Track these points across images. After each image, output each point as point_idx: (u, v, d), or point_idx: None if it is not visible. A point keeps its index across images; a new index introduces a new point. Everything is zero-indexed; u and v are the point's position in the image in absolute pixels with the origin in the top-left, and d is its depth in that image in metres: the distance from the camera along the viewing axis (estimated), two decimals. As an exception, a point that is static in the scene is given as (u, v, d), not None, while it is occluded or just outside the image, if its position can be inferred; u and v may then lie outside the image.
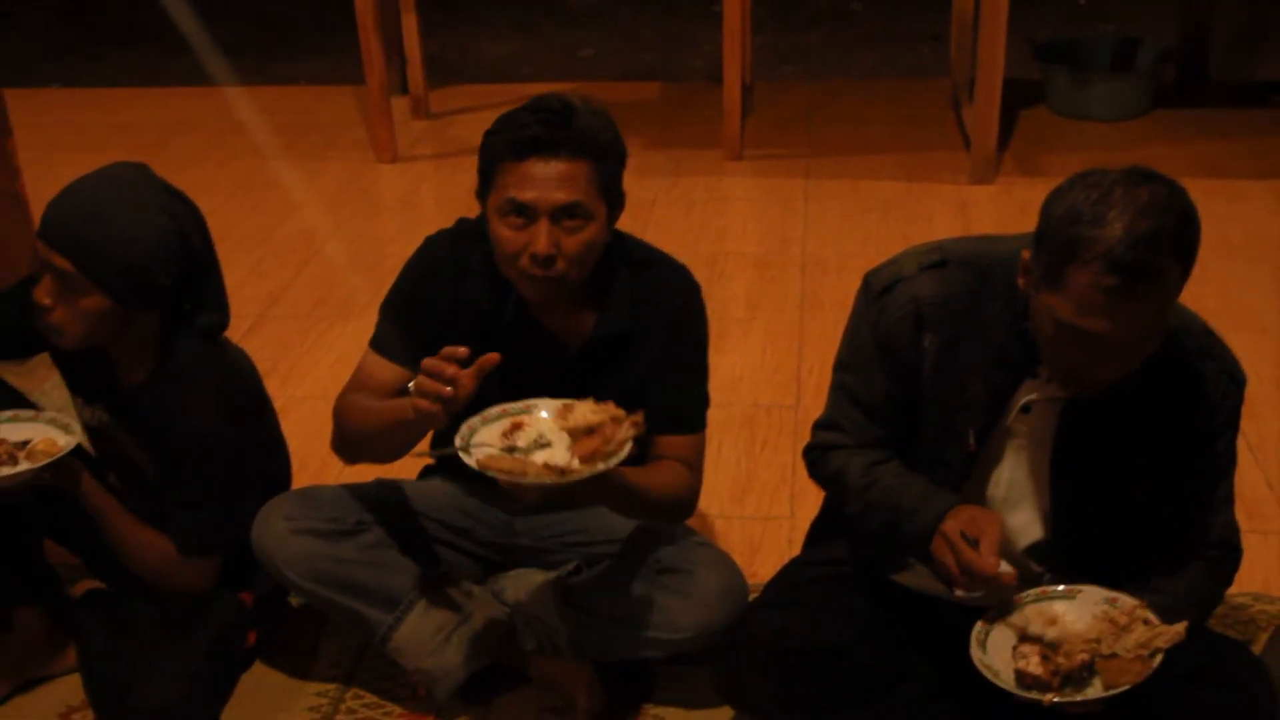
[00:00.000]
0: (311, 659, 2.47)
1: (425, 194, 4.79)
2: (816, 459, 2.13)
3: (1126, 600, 1.87)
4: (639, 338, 2.23)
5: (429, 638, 2.28)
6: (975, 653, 1.87)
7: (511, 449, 2.00)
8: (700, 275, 2.35)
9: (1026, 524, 2.05)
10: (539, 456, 1.97)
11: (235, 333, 2.62)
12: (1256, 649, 2.25)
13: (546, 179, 2.06)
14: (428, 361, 1.95)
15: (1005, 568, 1.85)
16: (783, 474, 2.98)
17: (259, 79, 6.01)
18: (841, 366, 2.09)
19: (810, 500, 2.25)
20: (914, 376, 1.99)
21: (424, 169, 4.95)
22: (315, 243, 4.33)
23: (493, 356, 1.94)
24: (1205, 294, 3.68)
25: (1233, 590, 2.56)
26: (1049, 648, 1.85)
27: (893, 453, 2.05)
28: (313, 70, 6.17)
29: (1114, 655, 1.81)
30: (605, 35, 6.73)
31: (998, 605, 1.93)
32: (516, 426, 2.04)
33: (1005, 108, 4.65)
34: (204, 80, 5.91)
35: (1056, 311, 1.77)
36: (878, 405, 2.04)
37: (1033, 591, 1.93)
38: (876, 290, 2.02)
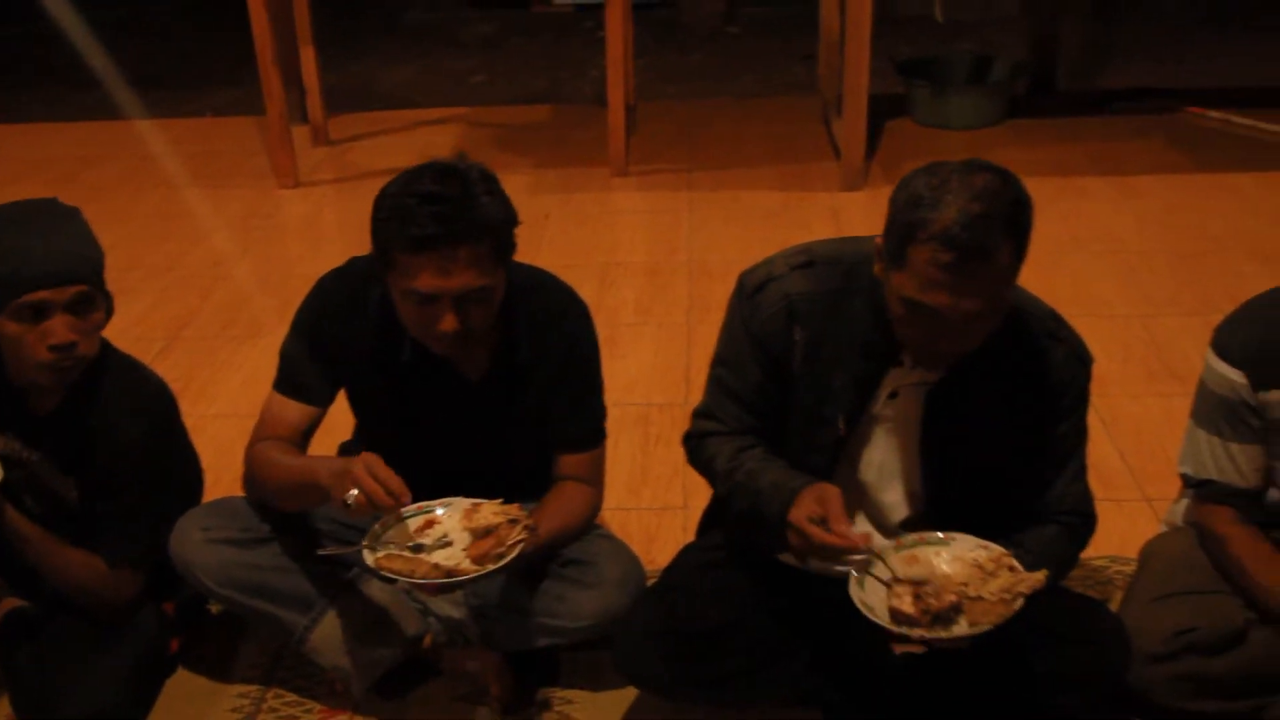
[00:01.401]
0: (232, 663, 2.45)
1: (327, 217, 4.76)
2: (694, 446, 2.14)
3: (995, 548, 1.91)
4: (535, 362, 2.24)
5: (344, 637, 2.27)
6: (854, 591, 1.89)
7: (418, 546, 2.04)
8: (592, 285, 2.37)
9: (897, 502, 2.09)
10: (439, 555, 2.03)
11: (146, 356, 2.60)
12: (1114, 606, 2.32)
13: (448, 271, 1.99)
14: (378, 469, 1.93)
15: (855, 532, 1.86)
16: (675, 467, 3.01)
17: (166, 112, 5.93)
18: (718, 361, 2.11)
19: (702, 490, 2.28)
20: (785, 368, 2.02)
21: (325, 193, 4.92)
22: (222, 268, 4.28)
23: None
24: (1058, 285, 3.80)
25: (1092, 554, 2.65)
26: (921, 589, 1.87)
27: (762, 439, 2.07)
28: (217, 103, 6.10)
29: (979, 598, 1.84)
30: (497, 62, 6.73)
31: (878, 550, 1.95)
32: (429, 524, 2.09)
33: (871, 120, 4.74)
34: (113, 114, 5.82)
35: (902, 289, 1.82)
36: (750, 396, 2.06)
37: (911, 537, 1.96)
38: (750, 289, 2.04)
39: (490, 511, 2.05)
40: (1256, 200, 4.52)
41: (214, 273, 4.24)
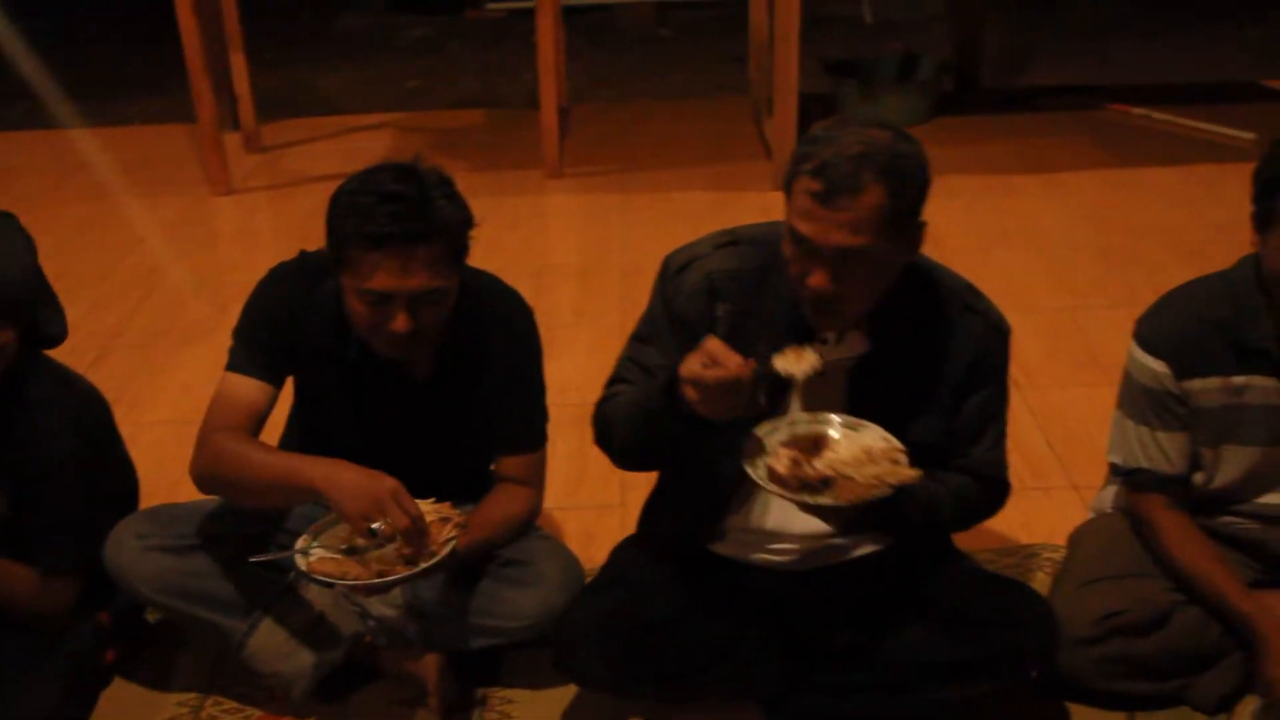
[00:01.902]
0: (170, 671, 2.42)
1: (261, 224, 4.71)
2: (599, 410, 2.10)
3: (893, 443, 1.91)
4: (480, 364, 2.24)
5: (282, 642, 2.25)
6: (748, 443, 1.90)
7: (351, 549, 2.04)
8: (527, 287, 2.37)
9: None
10: (372, 557, 2.01)
11: (80, 365, 2.57)
12: (1044, 591, 2.35)
13: (403, 271, 1.98)
14: (404, 499, 1.96)
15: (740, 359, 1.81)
16: (611, 467, 2.98)
17: (95, 121, 5.85)
18: (636, 338, 2.10)
19: (640, 488, 2.29)
20: None
21: (258, 200, 4.87)
22: (155, 275, 4.23)
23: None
24: (987, 279, 3.73)
25: (1024, 540, 2.70)
26: (801, 457, 1.87)
27: None
28: (147, 111, 6.03)
29: (851, 479, 1.85)
30: (431, 67, 6.71)
31: (791, 421, 1.96)
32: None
33: (802, 120, 4.75)
34: (41, 124, 5.73)
35: (788, 219, 1.86)
36: (663, 374, 2.00)
37: (836, 417, 1.96)
38: (674, 269, 2.05)
39: (425, 510, 2.04)
40: (1177, 194, 4.60)
41: (147, 281, 4.18)
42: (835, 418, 1.95)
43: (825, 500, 1.83)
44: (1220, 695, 2.23)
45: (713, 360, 1.77)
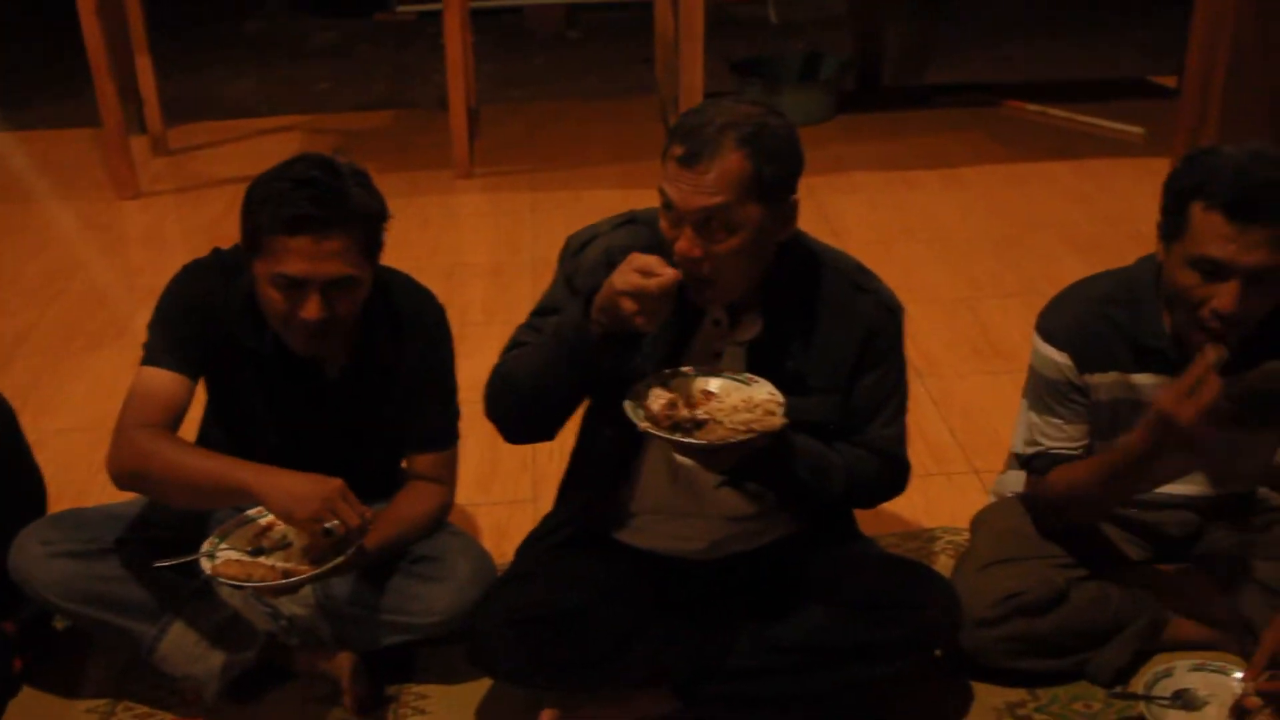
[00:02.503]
0: (80, 678, 2.36)
1: (169, 228, 4.62)
2: (495, 372, 2.08)
3: (776, 398, 1.91)
4: (393, 361, 2.22)
5: (193, 644, 2.21)
6: (637, 386, 1.91)
7: (257, 550, 2.03)
8: (439, 286, 2.36)
9: None
10: (277, 557, 2.01)
11: (-17, 370, 2.50)
12: (946, 573, 2.38)
13: (317, 255, 1.98)
14: (351, 497, 1.96)
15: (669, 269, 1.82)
16: (523, 462, 3.01)
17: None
18: (537, 311, 2.10)
19: (551, 483, 2.28)
20: None
21: (166, 204, 4.77)
22: (61, 281, 4.12)
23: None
24: (889, 273, 3.77)
25: (927, 524, 2.73)
26: (676, 399, 1.89)
27: None
28: (49, 115, 5.88)
29: (720, 423, 1.86)
30: (340, 70, 6.63)
31: (686, 370, 1.97)
32: (270, 526, 2.07)
33: (709, 118, 4.78)
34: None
35: (658, 186, 1.88)
36: None
37: (728, 370, 1.98)
38: (575, 247, 2.07)
39: None
40: (1070, 187, 4.68)
41: (52, 286, 4.08)
42: (728, 372, 1.97)
43: (691, 440, 1.84)
44: (1116, 669, 2.28)
45: (650, 270, 1.79)
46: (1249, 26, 2.72)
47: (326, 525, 1.97)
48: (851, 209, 4.36)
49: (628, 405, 1.87)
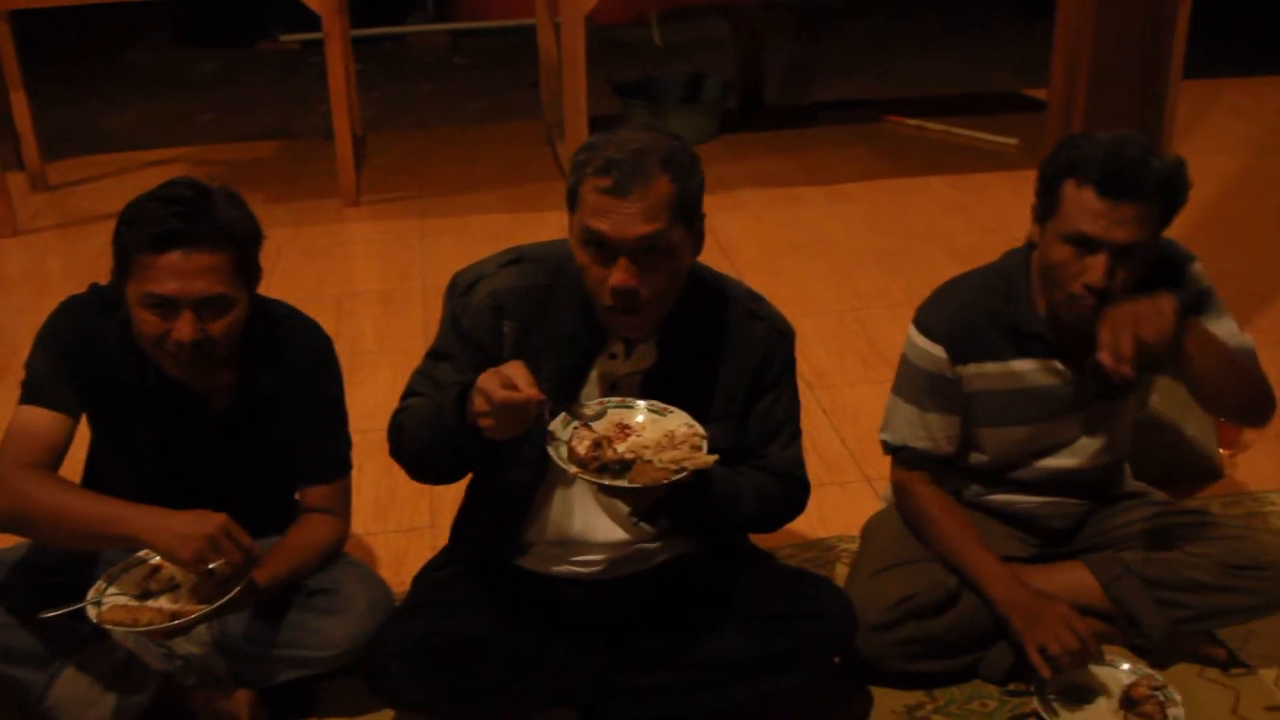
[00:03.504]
0: (-35, 730, 2.29)
1: (51, 265, 4.50)
2: (392, 420, 2.08)
3: (696, 429, 1.91)
4: (280, 394, 2.18)
5: (86, 689, 2.14)
6: (554, 426, 1.88)
7: (145, 593, 1.98)
8: (329, 316, 2.33)
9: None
10: (164, 599, 1.97)
11: None
12: (841, 582, 2.40)
13: (187, 272, 1.94)
14: (236, 532, 1.93)
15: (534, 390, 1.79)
16: (421, 489, 2.96)
17: None
18: (431, 355, 2.09)
19: (448, 509, 2.26)
20: (495, 361, 1.99)
21: (47, 240, 4.64)
22: (-62, 321, 4.00)
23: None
24: (778, 288, 3.91)
25: (822, 534, 2.75)
26: (603, 439, 1.87)
27: None
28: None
29: (649, 462, 1.84)
30: (224, 100, 6.53)
31: (600, 404, 1.95)
32: (158, 567, 2.02)
33: (595, 141, 4.79)
34: None
35: (576, 228, 1.87)
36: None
37: (642, 402, 1.96)
38: (462, 288, 2.05)
39: None
40: (949, 198, 4.78)
41: (-72, 328, 3.96)
42: (642, 403, 1.95)
43: (622, 482, 1.83)
44: (1007, 666, 2.31)
45: (509, 382, 1.77)
46: (1107, 43, 2.80)
47: (210, 566, 1.92)
48: (738, 226, 4.40)
49: (551, 449, 1.85)
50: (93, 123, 6.16)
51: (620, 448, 1.85)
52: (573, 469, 1.83)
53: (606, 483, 1.82)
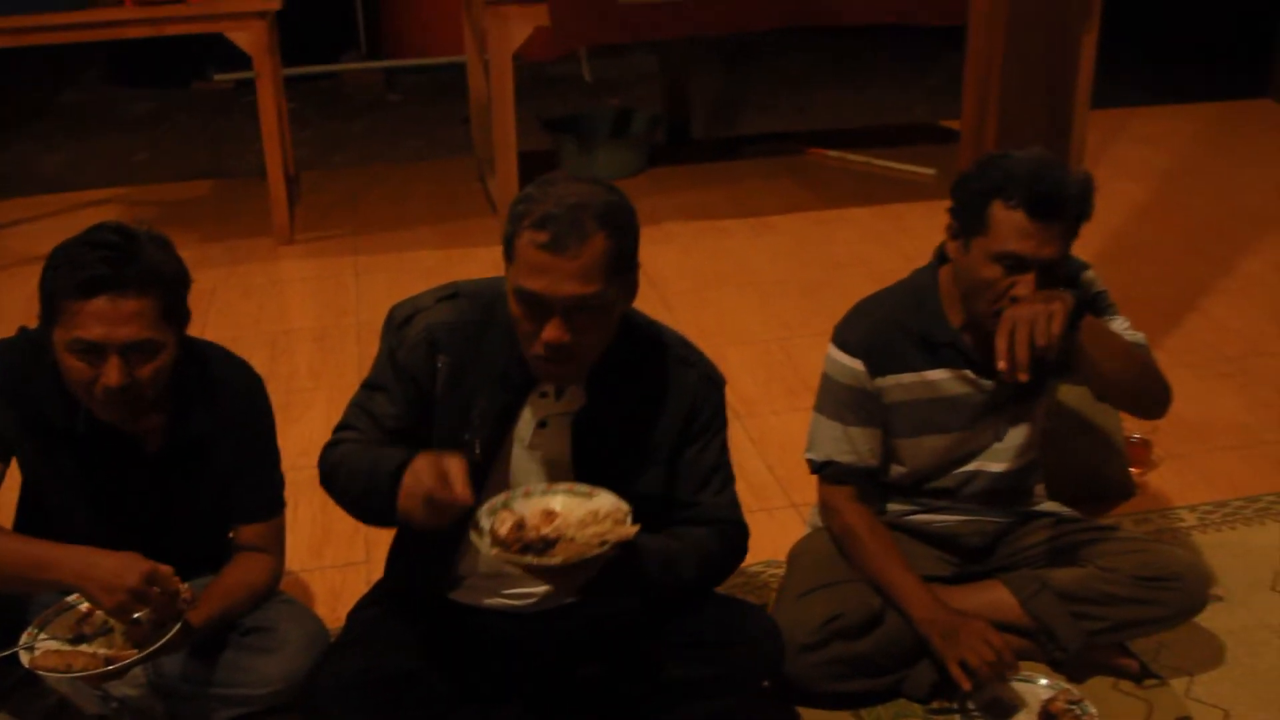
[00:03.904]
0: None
1: (-16, 307, 4.44)
2: (326, 454, 2.06)
3: (622, 506, 1.90)
4: (211, 434, 2.17)
5: (18, 733, 2.12)
6: (479, 514, 1.88)
7: (79, 637, 1.96)
8: (264, 354, 2.31)
9: None
10: (99, 643, 1.95)
11: None
12: (770, 609, 2.41)
13: (114, 318, 1.92)
14: (163, 578, 1.92)
15: (466, 491, 1.79)
16: (356, 525, 2.91)
17: None
18: (366, 386, 2.08)
19: (383, 545, 2.25)
20: (429, 396, 2.02)
21: (-20, 283, 4.58)
22: None
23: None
24: (705, 318, 3.95)
25: (748, 561, 2.74)
26: (526, 521, 1.86)
27: None
28: None
29: (573, 539, 1.84)
30: (158, 140, 6.45)
31: (526, 491, 1.94)
32: (91, 611, 1.99)
33: (526, 175, 4.78)
34: None
35: (513, 280, 1.86)
36: (390, 421, 2.03)
37: (563, 484, 1.96)
38: (398, 321, 2.04)
39: None
40: (871, 228, 4.83)
41: None
42: (561, 487, 1.95)
43: (546, 560, 1.81)
44: (931, 683, 2.34)
45: (444, 477, 1.76)
46: (1015, 74, 2.86)
47: (135, 616, 1.91)
48: (666, 258, 4.42)
49: (473, 534, 1.84)
50: (25, 164, 6.06)
51: (548, 530, 1.84)
52: (494, 551, 1.81)
53: (529, 562, 1.81)
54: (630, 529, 1.84)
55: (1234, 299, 4.14)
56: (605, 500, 1.91)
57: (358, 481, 1.95)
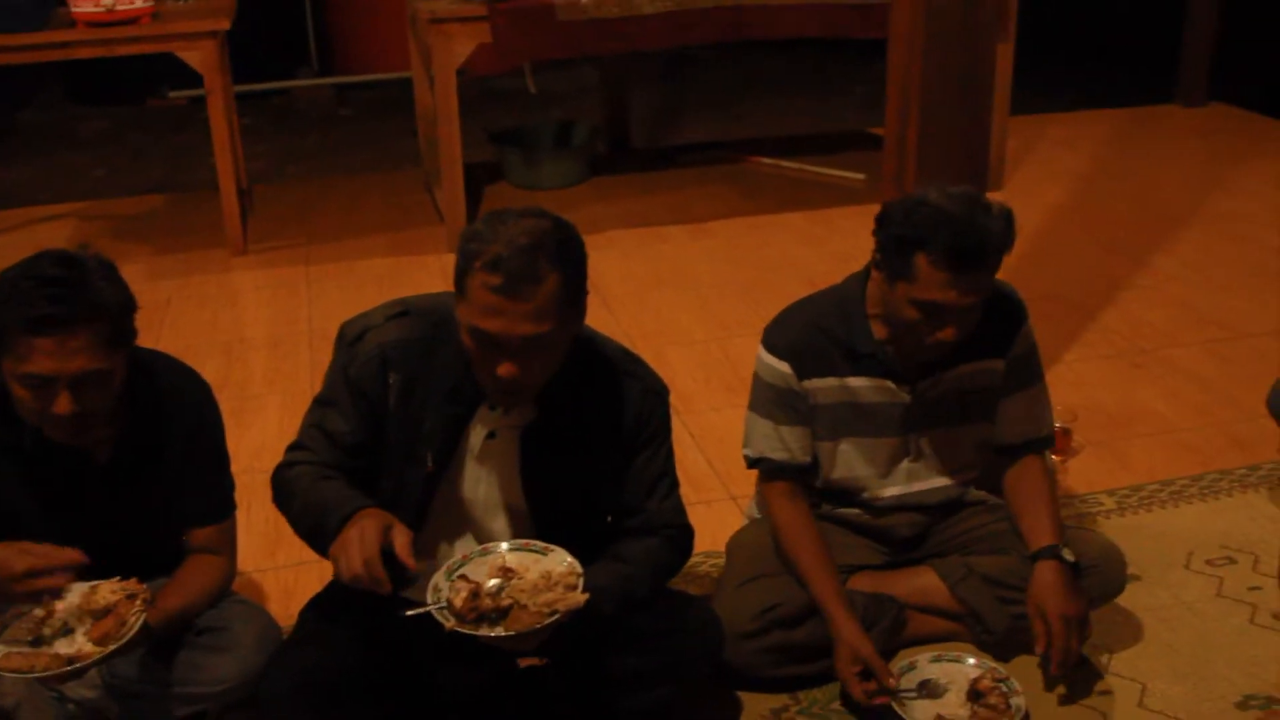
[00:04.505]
0: None
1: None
2: (279, 474, 2.05)
3: (574, 567, 1.90)
4: (161, 442, 2.13)
5: (-26, 741, 2.07)
6: (436, 577, 1.89)
7: (38, 639, 1.91)
8: (218, 362, 2.27)
9: (504, 529, 2.09)
10: (61, 643, 1.91)
11: None
12: (711, 599, 2.40)
13: (63, 353, 1.87)
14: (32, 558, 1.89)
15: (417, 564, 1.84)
16: (308, 525, 2.91)
17: None
18: (319, 402, 2.06)
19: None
20: (381, 411, 2.00)
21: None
22: None
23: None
24: (646, 320, 3.94)
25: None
26: (481, 590, 1.85)
27: (347, 476, 2.03)
28: None
29: (525, 607, 1.83)
30: (115, 156, 6.35)
31: (483, 549, 1.95)
32: (49, 614, 1.95)
33: (472, 186, 4.78)
34: None
35: (466, 319, 1.84)
36: (345, 438, 2.02)
37: (519, 541, 1.96)
38: (350, 339, 2.02)
39: (108, 590, 1.94)
40: (804, 231, 4.84)
41: None
42: (521, 541, 1.95)
43: (499, 631, 1.80)
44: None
45: (374, 549, 1.78)
46: (934, 81, 2.87)
47: (37, 613, 1.90)
48: (608, 264, 4.40)
49: (431, 604, 1.83)
50: (-15, 180, 5.96)
51: (502, 591, 1.84)
52: (451, 623, 1.81)
53: (483, 635, 1.80)
54: (580, 597, 1.84)
55: (1148, 294, 4.18)
56: (558, 561, 1.91)
57: (308, 516, 1.95)
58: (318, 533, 1.92)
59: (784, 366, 2.31)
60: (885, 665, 2.20)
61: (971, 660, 2.32)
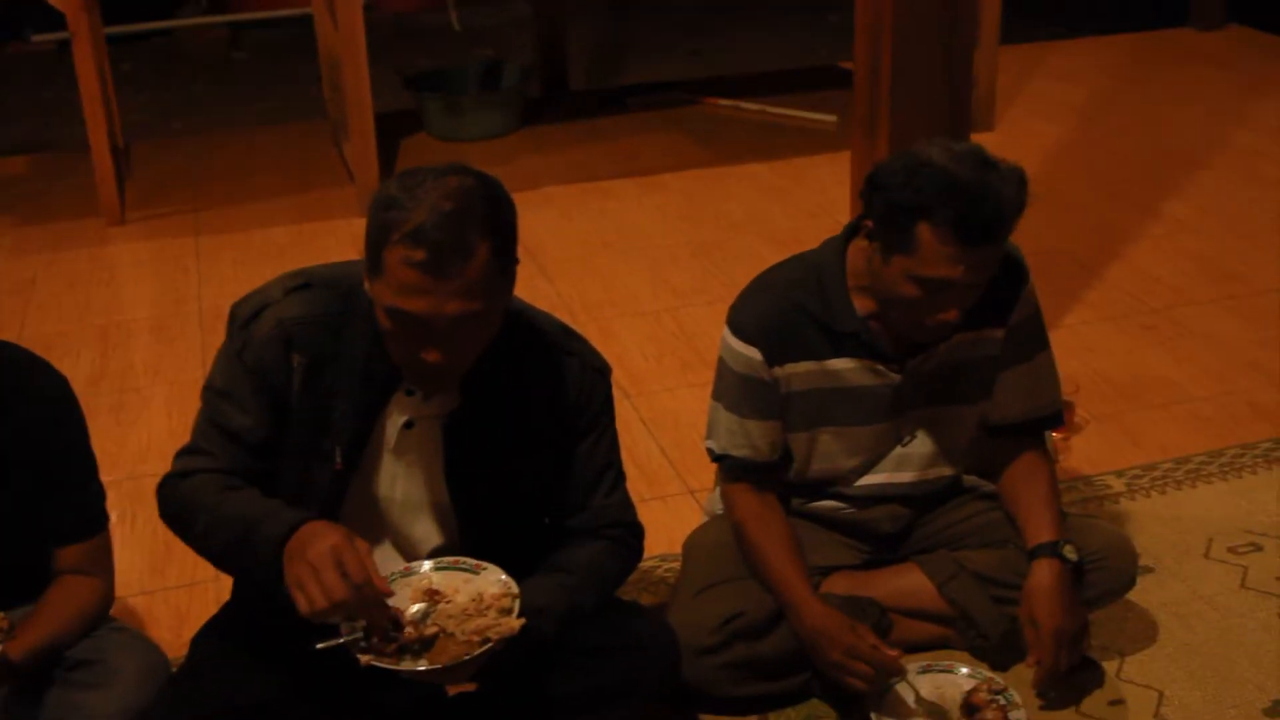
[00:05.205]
0: None
1: None
2: (172, 485, 1.99)
3: (509, 588, 1.88)
4: (13, 446, 2.07)
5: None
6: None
7: None
8: (93, 350, 2.23)
9: (428, 533, 2.07)
10: None
11: None
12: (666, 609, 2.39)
13: None
14: None
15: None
16: (202, 537, 2.88)
17: None
18: (214, 395, 2.00)
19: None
20: (285, 399, 1.96)
21: None
22: None
23: None
24: (589, 287, 3.92)
25: (644, 554, 2.74)
26: (411, 614, 1.84)
27: (253, 483, 1.97)
28: None
29: (453, 635, 1.81)
30: (-31, 112, 6.26)
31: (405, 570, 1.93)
32: None
33: (387, 139, 4.72)
34: None
35: (382, 298, 1.80)
36: (247, 434, 1.96)
37: (446, 559, 1.94)
38: (244, 318, 1.97)
39: None
40: (769, 183, 4.84)
41: None
42: (427, 564, 1.93)
43: (423, 665, 1.78)
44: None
45: (344, 568, 1.73)
46: (905, 13, 2.85)
47: None
48: (545, 224, 4.38)
49: (345, 635, 1.79)
50: None
51: (427, 618, 1.82)
52: (366, 658, 1.77)
53: (398, 669, 1.77)
54: (515, 623, 1.81)
55: (1158, 245, 4.21)
56: (491, 581, 1.89)
57: (224, 532, 1.89)
58: (236, 551, 1.87)
59: (752, 352, 2.28)
60: (879, 640, 2.19)
61: (965, 670, 2.31)
